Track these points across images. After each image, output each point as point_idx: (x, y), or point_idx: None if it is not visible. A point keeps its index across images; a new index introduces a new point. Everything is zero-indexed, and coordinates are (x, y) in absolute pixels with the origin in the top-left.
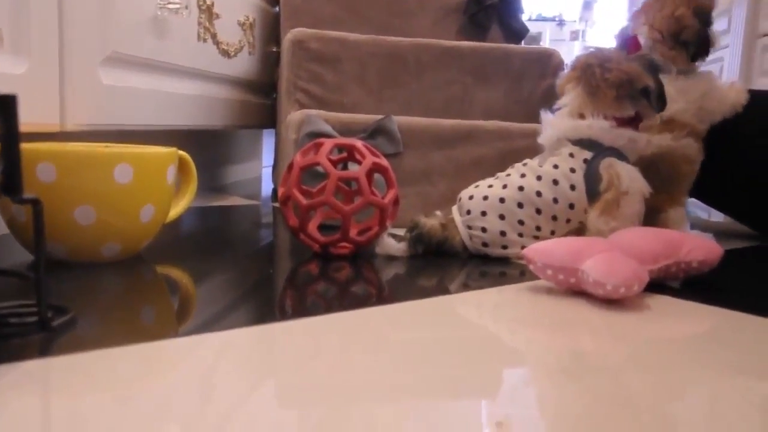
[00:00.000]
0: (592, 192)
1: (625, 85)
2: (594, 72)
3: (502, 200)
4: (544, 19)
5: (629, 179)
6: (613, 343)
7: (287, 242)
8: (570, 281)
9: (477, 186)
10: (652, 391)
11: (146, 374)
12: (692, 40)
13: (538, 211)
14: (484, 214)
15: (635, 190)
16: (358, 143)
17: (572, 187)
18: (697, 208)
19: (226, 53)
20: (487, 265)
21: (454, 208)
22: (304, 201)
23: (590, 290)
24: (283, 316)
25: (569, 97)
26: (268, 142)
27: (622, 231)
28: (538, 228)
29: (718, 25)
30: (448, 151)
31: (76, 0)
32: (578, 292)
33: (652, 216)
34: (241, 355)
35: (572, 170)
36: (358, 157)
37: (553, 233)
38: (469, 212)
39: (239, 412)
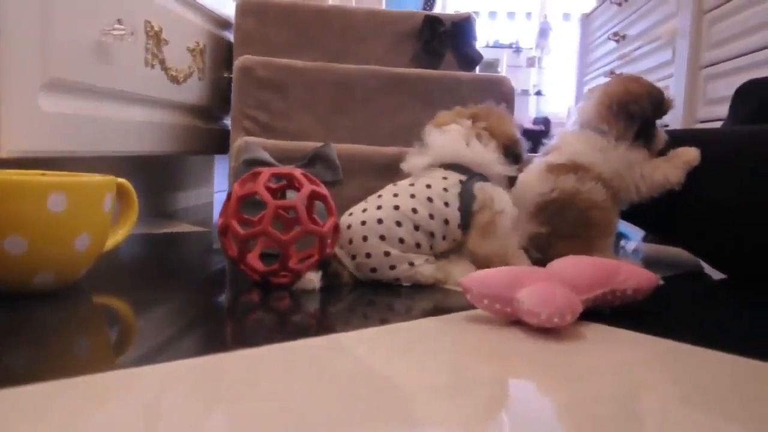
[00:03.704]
0: (467, 209)
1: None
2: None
3: (380, 221)
4: (501, 46)
5: (500, 200)
6: (545, 373)
7: (231, 270)
8: (506, 310)
9: (351, 214)
10: (587, 421)
11: (81, 409)
12: (637, 116)
13: (417, 228)
14: (365, 239)
15: (507, 208)
16: (297, 172)
17: (446, 204)
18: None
19: (174, 79)
20: (428, 293)
21: None
22: (241, 231)
23: (525, 319)
24: (223, 347)
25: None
26: (220, 167)
27: (559, 260)
28: (418, 245)
29: (661, 56)
30: (389, 179)
31: (14, 24)
32: (516, 321)
33: None
34: (181, 388)
35: (445, 189)
36: (296, 185)
37: (431, 248)
38: (351, 241)
39: None
